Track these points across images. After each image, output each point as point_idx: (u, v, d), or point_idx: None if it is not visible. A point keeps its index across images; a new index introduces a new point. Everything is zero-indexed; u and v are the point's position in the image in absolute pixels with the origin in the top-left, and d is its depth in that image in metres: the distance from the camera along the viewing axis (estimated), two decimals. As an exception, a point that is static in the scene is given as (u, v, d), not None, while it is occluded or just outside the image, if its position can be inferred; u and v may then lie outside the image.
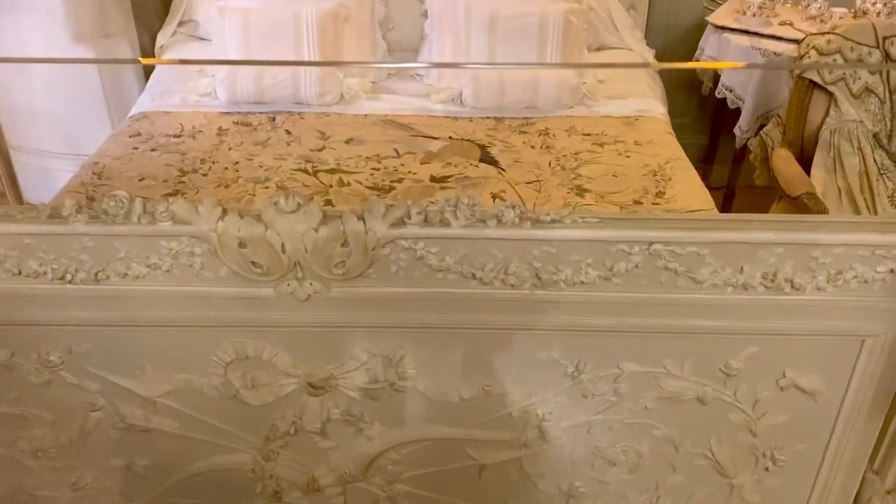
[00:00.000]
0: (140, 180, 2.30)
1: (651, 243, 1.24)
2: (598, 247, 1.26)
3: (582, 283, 1.28)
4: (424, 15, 3.03)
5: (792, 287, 1.27)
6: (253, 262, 1.25)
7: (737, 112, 3.02)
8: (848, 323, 1.31)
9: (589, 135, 2.66)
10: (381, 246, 1.24)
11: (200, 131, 2.58)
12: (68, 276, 1.28)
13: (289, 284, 1.28)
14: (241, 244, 1.24)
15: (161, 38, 3.09)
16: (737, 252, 1.25)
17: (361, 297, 1.29)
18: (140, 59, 2.64)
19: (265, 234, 1.22)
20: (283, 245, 1.23)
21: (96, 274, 1.28)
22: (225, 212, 1.23)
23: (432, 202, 2.18)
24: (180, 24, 3.10)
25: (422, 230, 1.24)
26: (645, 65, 2.61)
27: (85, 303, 1.31)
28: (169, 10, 3.16)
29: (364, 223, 1.22)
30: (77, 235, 1.25)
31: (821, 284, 1.27)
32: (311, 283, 1.28)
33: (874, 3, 2.84)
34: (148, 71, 3.03)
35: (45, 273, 1.28)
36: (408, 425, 1.44)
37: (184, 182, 2.30)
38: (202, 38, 3.08)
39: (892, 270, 1.25)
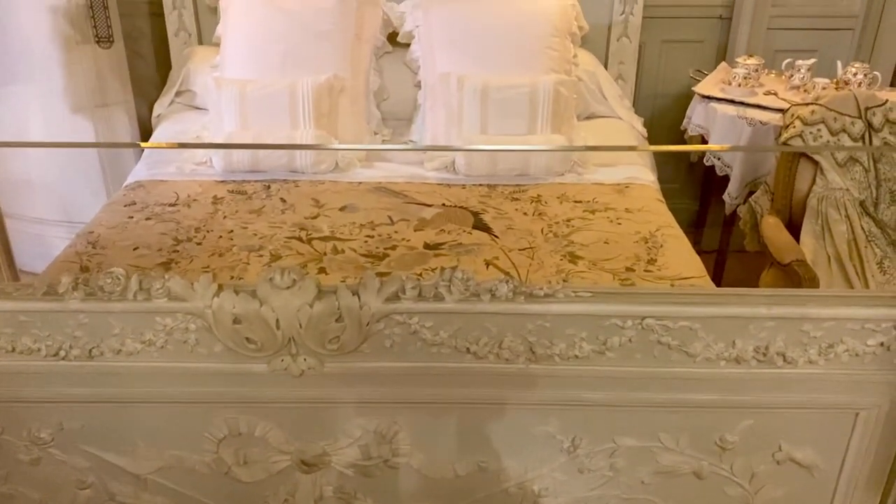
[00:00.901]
0: (134, 249, 2.31)
1: (644, 318, 1.25)
2: (591, 321, 1.27)
3: (576, 357, 1.29)
4: (418, 86, 3.10)
5: (784, 360, 1.28)
6: (247, 338, 1.26)
7: (726, 178, 3.07)
8: (841, 396, 1.31)
9: (580, 202, 2.69)
10: (375, 321, 1.25)
11: (196, 200, 2.61)
12: (62, 353, 1.28)
13: (283, 360, 1.28)
14: (236, 320, 1.24)
15: (158, 108, 3.14)
16: (728, 326, 1.26)
17: (355, 372, 1.29)
18: (139, 142, 2.67)
19: (260, 310, 1.23)
20: (277, 321, 1.23)
21: (90, 350, 1.28)
22: (220, 288, 1.24)
23: (427, 270, 2.20)
24: (178, 93, 3.16)
25: (416, 305, 1.25)
26: (633, 148, 2.66)
27: (78, 379, 1.30)
28: (167, 81, 3.22)
29: (359, 298, 1.23)
30: (72, 312, 1.25)
31: (813, 358, 1.28)
32: (304, 359, 1.28)
33: (855, 74, 2.93)
34: (144, 139, 3.07)
35: (38, 350, 1.28)
36: (402, 503, 1.42)
37: (178, 251, 2.31)
38: (199, 108, 3.13)
39: (882, 344, 1.27)
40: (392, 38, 3.12)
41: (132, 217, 2.50)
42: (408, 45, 3.10)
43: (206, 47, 3.22)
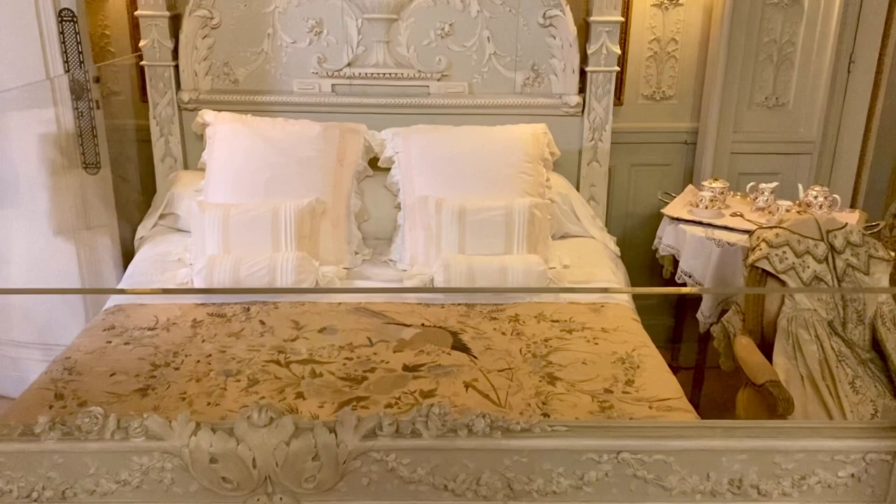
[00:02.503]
0: (111, 375, 2.30)
1: (619, 451, 1.27)
2: (568, 455, 1.28)
3: (554, 492, 1.29)
4: (398, 207, 3.18)
5: (759, 493, 1.29)
6: (223, 478, 1.25)
7: (698, 296, 3.14)
8: (818, 529, 1.32)
9: (557, 321, 2.72)
10: (352, 459, 1.25)
11: (175, 324, 2.61)
12: (34, 494, 1.27)
13: (258, 500, 1.27)
14: (213, 459, 1.24)
15: (142, 230, 3.19)
16: (702, 459, 1.28)
17: (332, 511, 1.28)
18: (137, 290, 2.70)
19: (237, 448, 1.23)
20: (254, 459, 1.23)
21: (63, 491, 1.26)
22: (198, 426, 1.25)
23: (406, 393, 2.20)
24: (161, 216, 3.22)
25: (393, 442, 1.26)
26: (627, 290, 2.74)
27: (48, 522, 1.28)
28: (151, 204, 3.29)
29: (336, 436, 1.24)
30: (48, 452, 1.24)
31: (786, 490, 1.29)
32: (280, 498, 1.27)
33: (816, 197, 3.07)
34: (126, 262, 3.10)
35: (10, 491, 1.26)
36: None
37: (155, 377, 2.30)
38: (182, 230, 3.19)
39: (853, 475, 1.28)
40: (373, 162, 3.23)
41: (110, 342, 2.49)
42: (388, 170, 3.21)
43: (191, 172, 3.31)
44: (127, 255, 3.20)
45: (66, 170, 3.01)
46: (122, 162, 3.34)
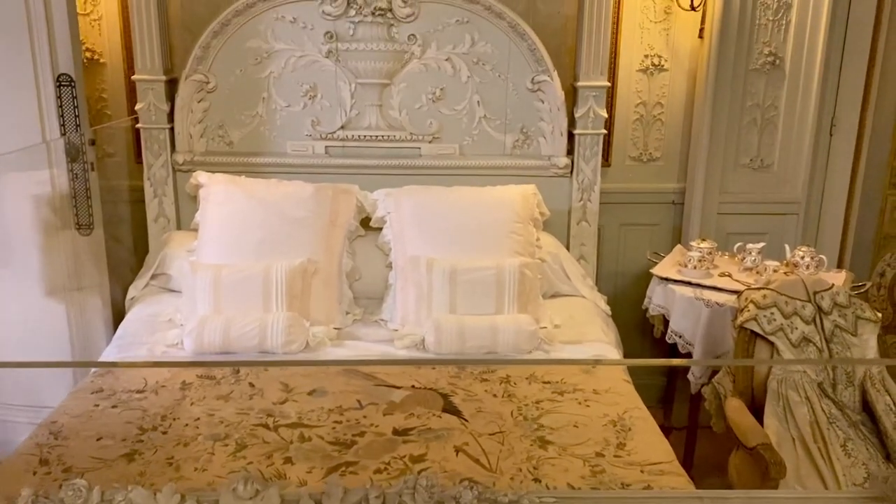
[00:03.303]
0: (98, 440, 2.27)
1: (608, 525, 1.26)
2: (557, 528, 1.26)
3: (543, 565, 1.27)
4: (389, 266, 3.20)
5: (751, 565, 1.28)
6: (208, 552, 1.23)
7: (689, 355, 3.14)
8: None
9: (549, 382, 2.72)
10: (339, 532, 1.24)
11: (164, 386, 2.60)
12: (13, 570, 1.24)
13: (244, 574, 1.24)
14: (197, 533, 1.22)
15: (133, 290, 3.19)
16: (693, 531, 1.27)
17: (318, 586, 1.26)
18: (118, 362, 2.70)
19: (222, 522, 1.21)
20: (239, 533, 1.22)
21: (43, 567, 1.24)
22: (183, 498, 1.23)
23: (395, 458, 2.18)
24: (153, 276, 3.22)
25: (381, 514, 1.24)
26: (610, 362, 2.75)
27: None
28: (143, 264, 3.30)
29: (323, 508, 1.23)
30: (28, 527, 1.22)
31: (779, 562, 1.28)
32: (266, 573, 1.25)
33: (802, 257, 3.10)
34: (117, 322, 3.09)
35: (-12, 567, 1.24)
36: None
37: (142, 441, 2.27)
38: (173, 290, 3.19)
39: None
40: (365, 222, 3.27)
41: (98, 405, 2.47)
42: (380, 229, 3.24)
43: (184, 232, 3.34)
44: (118, 315, 3.19)
45: (59, 230, 3.03)
46: (116, 222, 3.36)
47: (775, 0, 3.33)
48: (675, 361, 3.13)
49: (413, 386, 2.67)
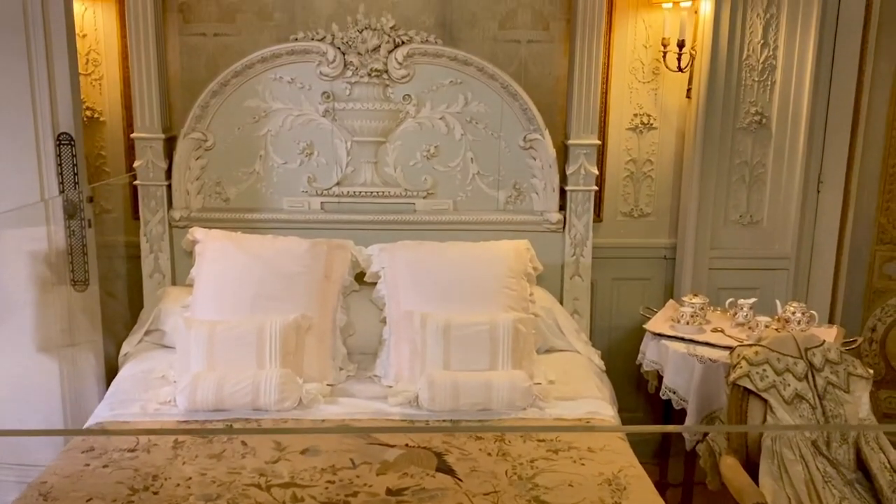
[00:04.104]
0: (87, 501, 2.25)
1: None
2: None
3: None
4: (383, 321, 3.21)
5: None
6: None
7: (683, 411, 3.14)
8: None
9: (543, 440, 2.70)
10: None
11: (155, 444, 2.57)
12: None
13: None
14: None
15: (126, 346, 3.19)
16: None
17: None
18: (113, 431, 2.66)
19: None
20: None
21: None
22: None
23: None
24: (147, 332, 3.22)
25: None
26: (605, 428, 2.75)
27: None
28: (137, 320, 3.31)
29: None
30: None
31: None
32: None
33: (794, 313, 3.12)
34: (110, 378, 3.08)
35: None
36: None
37: (133, 502, 2.25)
38: (167, 346, 3.19)
39: None
40: (360, 277, 3.29)
41: (88, 465, 2.45)
42: (374, 284, 3.26)
43: (179, 288, 3.35)
44: (111, 371, 3.18)
45: (54, 286, 3.05)
46: (111, 278, 3.38)
47: (760, 62, 3.42)
48: (670, 428, 3.13)
49: (407, 444, 2.65)
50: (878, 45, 3.46)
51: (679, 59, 3.42)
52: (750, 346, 2.69)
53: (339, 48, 3.29)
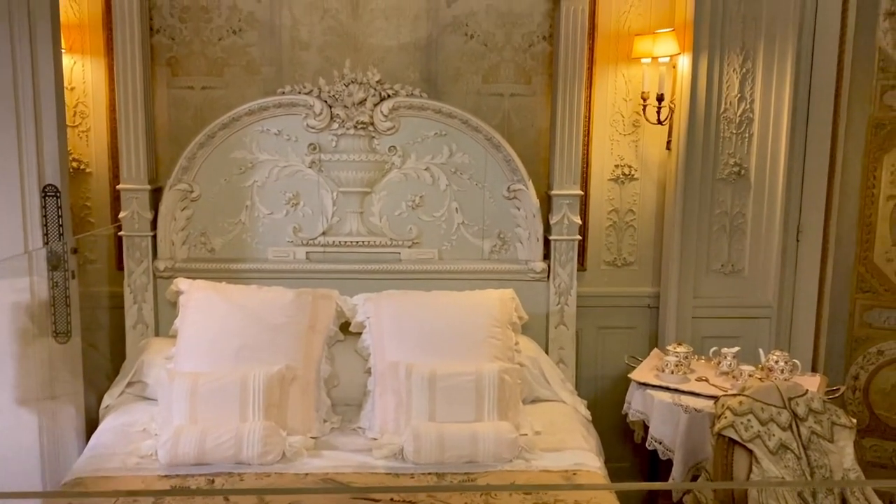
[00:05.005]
0: (65, 561, 2.20)
1: None
2: None
3: None
4: (368, 372, 3.19)
5: None
6: None
7: (669, 462, 3.12)
8: None
9: (529, 494, 2.67)
10: None
11: (136, 500, 2.53)
12: None
13: None
14: None
15: (108, 398, 3.15)
16: None
17: None
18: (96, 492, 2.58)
19: None
20: None
21: None
22: None
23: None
24: (129, 384, 3.18)
25: None
26: (593, 486, 2.72)
27: None
28: (119, 371, 3.27)
29: None
30: None
31: None
32: None
33: (776, 361, 3.14)
34: (90, 431, 3.03)
35: None
36: None
37: (110, 563, 2.20)
38: (149, 398, 3.15)
39: None
40: (344, 327, 3.28)
41: (67, 523, 2.40)
42: (359, 334, 3.25)
43: (162, 339, 3.33)
44: (91, 424, 3.14)
45: (35, 338, 3.01)
46: (94, 329, 3.35)
47: (737, 114, 3.51)
48: (657, 485, 3.11)
49: (392, 499, 2.62)
50: (851, 96, 3.55)
51: (658, 113, 3.49)
52: (734, 395, 2.70)
53: (325, 101, 3.34)
